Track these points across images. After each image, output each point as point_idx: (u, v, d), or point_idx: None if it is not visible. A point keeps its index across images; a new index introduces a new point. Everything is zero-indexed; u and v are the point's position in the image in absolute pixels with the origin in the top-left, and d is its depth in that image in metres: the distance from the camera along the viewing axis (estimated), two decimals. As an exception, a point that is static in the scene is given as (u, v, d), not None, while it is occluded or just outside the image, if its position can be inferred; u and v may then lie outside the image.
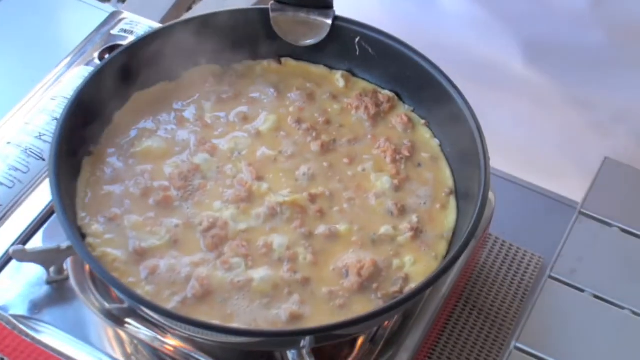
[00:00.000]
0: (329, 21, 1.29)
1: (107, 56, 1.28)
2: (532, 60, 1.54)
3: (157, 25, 1.47)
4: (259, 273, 1.13)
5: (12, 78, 1.58)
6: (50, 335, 1.18)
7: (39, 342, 1.18)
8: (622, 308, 1.21)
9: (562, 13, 1.46)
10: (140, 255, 1.14)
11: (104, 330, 1.20)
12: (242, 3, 2.85)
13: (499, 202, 1.33)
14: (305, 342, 1.07)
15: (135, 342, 1.19)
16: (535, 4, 1.48)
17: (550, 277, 1.24)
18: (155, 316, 1.11)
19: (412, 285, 1.14)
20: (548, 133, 1.66)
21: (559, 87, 1.56)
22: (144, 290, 1.11)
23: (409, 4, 1.61)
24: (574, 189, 1.45)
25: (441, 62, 1.25)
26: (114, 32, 1.46)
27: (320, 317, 1.11)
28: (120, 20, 1.48)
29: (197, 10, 2.83)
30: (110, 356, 1.17)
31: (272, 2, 1.29)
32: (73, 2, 1.72)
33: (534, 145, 1.68)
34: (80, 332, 1.18)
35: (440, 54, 1.32)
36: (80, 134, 1.22)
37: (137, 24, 1.47)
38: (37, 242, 1.24)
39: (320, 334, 1.06)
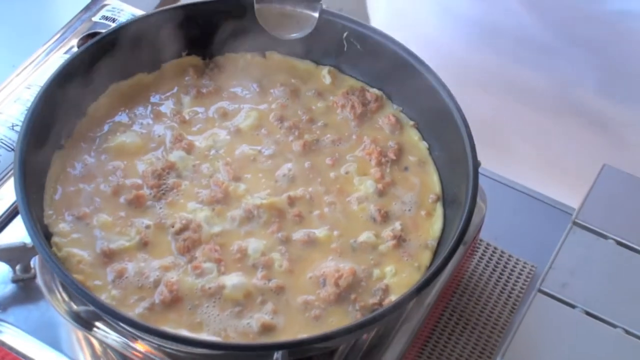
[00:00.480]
0: (316, 14, 1.23)
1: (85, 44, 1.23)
2: (604, 85, 1.49)
3: (140, 13, 1.41)
4: (232, 279, 1.08)
5: (-8, 62, 1.53)
6: (13, 336, 1.13)
7: (2, 343, 1.12)
8: (615, 326, 1.15)
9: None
10: (108, 257, 1.09)
11: (72, 334, 1.14)
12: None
13: (492, 205, 1.28)
14: (277, 355, 1.02)
15: (105, 347, 1.13)
16: (616, 31, 1.42)
17: (540, 290, 1.18)
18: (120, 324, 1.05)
19: (392, 297, 1.08)
20: (555, 138, 1.61)
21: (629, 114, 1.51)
22: (110, 294, 1.06)
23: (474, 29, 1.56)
24: (572, 195, 1.40)
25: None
26: (95, 18, 1.41)
27: (294, 328, 1.06)
28: (103, 6, 1.42)
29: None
30: (76, 361, 1.12)
31: (256, -8, 1.23)
32: (61, -17, 1.67)
33: (542, 151, 1.63)
34: (46, 335, 1.13)
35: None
36: (52, 127, 1.17)
37: (120, 11, 1.41)
38: (5, 238, 1.18)
39: (292, 348, 1.01)
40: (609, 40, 1.42)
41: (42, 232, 1.07)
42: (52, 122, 1.16)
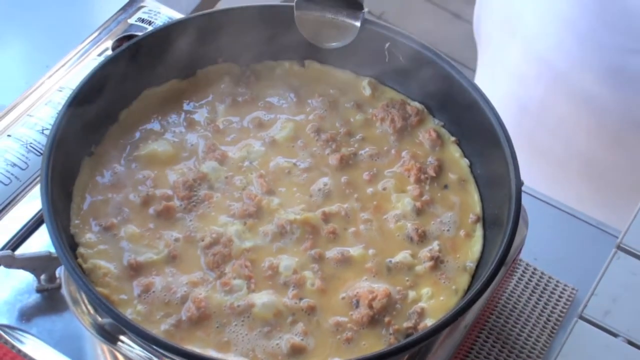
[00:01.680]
0: (358, 23, 1.19)
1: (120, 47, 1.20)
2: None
3: (177, 16, 1.37)
4: (262, 298, 1.04)
5: (24, 63, 1.51)
6: (36, 348, 1.10)
7: (25, 355, 1.10)
8: (658, 358, 1.11)
9: None
10: (135, 270, 1.06)
11: (96, 347, 1.11)
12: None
13: (533, 225, 1.23)
14: (306, 378, 0.98)
15: (128, 361, 1.10)
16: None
17: (582, 317, 1.14)
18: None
19: (428, 322, 1.04)
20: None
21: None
22: (135, 309, 1.03)
23: None
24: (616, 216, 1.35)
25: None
26: (131, 20, 1.37)
27: (325, 351, 1.02)
28: (140, 8, 1.39)
29: (228, 3, 2.74)
30: (99, 376, 1.09)
31: (297, 0, 1.19)
32: (97, -16, 1.64)
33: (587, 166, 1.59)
34: (69, 347, 1.10)
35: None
36: (82, 132, 1.13)
37: (156, 14, 1.38)
38: (31, 245, 1.15)
39: (322, 372, 0.97)
40: None
41: (68, 242, 1.05)
42: (82, 127, 1.13)
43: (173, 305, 1.04)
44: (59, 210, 1.06)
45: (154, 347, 0.97)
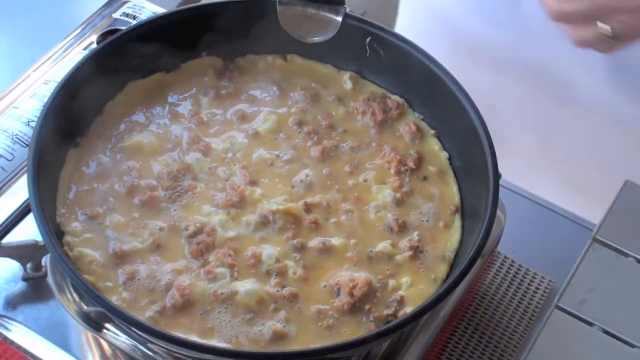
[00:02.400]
0: (339, 18, 1.21)
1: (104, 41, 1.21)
2: (614, 77, 1.46)
3: (161, 10, 1.39)
4: (244, 286, 1.06)
5: (9, 56, 1.52)
6: (22, 335, 1.11)
7: (11, 342, 1.11)
8: (633, 346, 1.13)
9: None
10: (120, 258, 1.08)
11: (81, 335, 1.12)
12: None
13: (511, 218, 1.26)
14: (288, 364, 1.00)
15: (114, 349, 1.12)
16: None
17: (558, 307, 1.16)
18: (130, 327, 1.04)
19: (407, 309, 1.06)
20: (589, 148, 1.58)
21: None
22: (121, 296, 1.05)
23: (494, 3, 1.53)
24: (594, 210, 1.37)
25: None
26: (115, 15, 1.39)
27: (306, 337, 1.04)
28: (124, 3, 1.40)
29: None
30: (84, 362, 1.11)
31: (280, -6, 1.21)
32: (81, -21, 1.65)
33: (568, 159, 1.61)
34: (55, 335, 1.11)
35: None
36: (68, 124, 1.15)
37: (141, 8, 1.39)
38: (17, 234, 1.17)
39: (304, 358, 0.99)
40: None
41: (54, 231, 1.06)
42: (68, 119, 1.14)
43: (157, 292, 1.05)
44: (45, 200, 1.07)
45: (140, 332, 0.99)
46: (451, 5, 1.57)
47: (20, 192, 1.19)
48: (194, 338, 1.02)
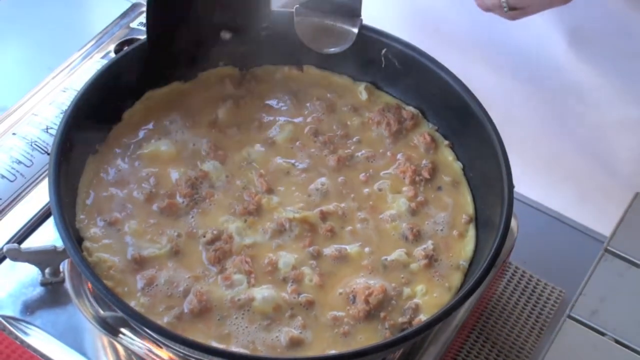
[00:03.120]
0: (355, 30, 1.23)
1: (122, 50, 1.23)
2: (576, 48, 1.47)
3: (178, 20, 1.40)
4: (261, 292, 1.08)
5: (28, 64, 1.54)
6: (39, 339, 1.12)
7: (28, 346, 1.12)
8: (644, 356, 1.15)
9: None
10: (139, 264, 1.09)
11: (97, 339, 1.14)
12: (284, 3, 2.79)
13: (522, 229, 1.27)
14: (304, 369, 1.02)
15: (129, 353, 1.13)
16: None
17: (570, 316, 1.17)
18: (148, 330, 1.05)
19: (422, 317, 1.08)
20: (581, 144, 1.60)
21: (601, 77, 1.49)
22: (139, 302, 1.06)
23: None
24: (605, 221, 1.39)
25: (477, 49, 1.13)
26: (133, 25, 1.41)
27: (322, 344, 1.05)
28: (141, 12, 1.42)
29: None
30: (100, 366, 1.12)
31: (297, 6, 1.22)
32: (99, -11, 1.67)
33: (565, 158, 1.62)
34: (72, 339, 1.13)
35: (476, 39, 1.22)
36: (87, 131, 1.16)
37: (157, 18, 1.41)
38: (35, 240, 1.18)
39: (320, 364, 1.00)
40: None
41: (74, 236, 1.07)
42: (87, 126, 1.16)
43: (175, 298, 1.07)
44: (65, 206, 1.08)
45: (159, 337, 1.00)
46: None
47: (39, 198, 1.21)
48: (212, 344, 1.03)
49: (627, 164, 1.55)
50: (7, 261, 1.15)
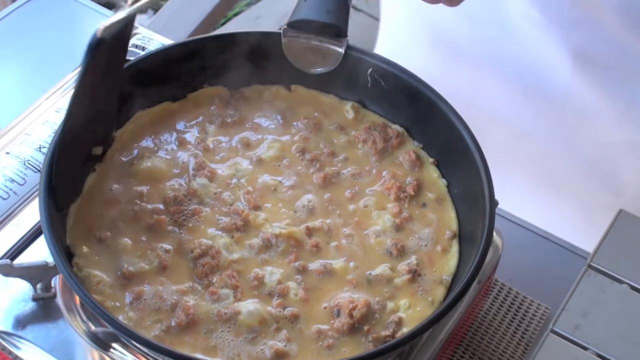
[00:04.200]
0: (342, 50, 1.25)
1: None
2: (580, 69, 1.50)
3: (168, 42, 1.43)
4: (247, 306, 1.10)
5: (22, 86, 1.56)
6: (31, 354, 1.14)
7: (20, 360, 1.14)
8: (625, 369, 1.16)
9: (613, 22, 1.42)
10: (127, 279, 1.11)
11: (88, 353, 1.16)
12: (275, 22, 2.84)
13: (508, 246, 1.29)
14: (290, 382, 1.04)
15: (119, 368, 1.15)
16: (587, 11, 1.43)
17: (553, 331, 1.19)
18: (137, 344, 1.07)
19: (405, 330, 1.10)
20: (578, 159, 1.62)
21: (605, 99, 1.52)
22: (127, 316, 1.08)
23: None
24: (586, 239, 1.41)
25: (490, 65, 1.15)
26: (125, 46, 1.43)
27: (307, 356, 1.07)
28: (133, 35, 1.45)
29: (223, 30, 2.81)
30: (91, 380, 1.14)
31: (284, 27, 1.25)
32: (93, 13, 1.69)
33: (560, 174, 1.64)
34: (63, 353, 1.14)
35: (488, 55, 1.23)
36: (78, 150, 1.18)
37: (149, 40, 1.44)
38: (28, 256, 1.20)
39: (303, 376, 1.02)
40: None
41: (64, 252, 1.09)
42: (78, 145, 1.18)
43: (163, 312, 1.09)
44: (56, 222, 1.11)
45: (147, 350, 1.02)
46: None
47: (31, 215, 1.23)
48: (199, 356, 1.05)
49: (631, 186, 1.58)
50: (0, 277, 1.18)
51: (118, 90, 1.18)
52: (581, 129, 1.57)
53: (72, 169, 1.16)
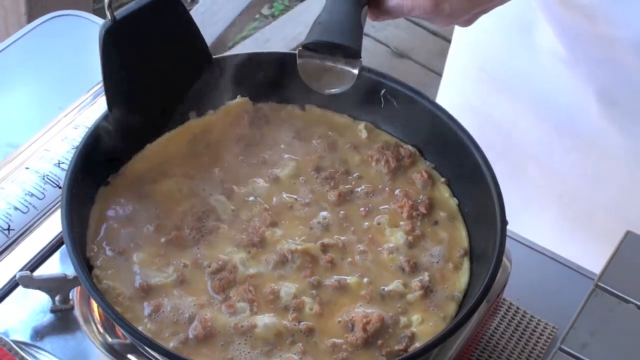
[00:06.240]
0: (356, 71, 1.27)
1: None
2: (605, 109, 1.52)
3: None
4: (263, 319, 1.12)
5: (39, 104, 1.58)
6: (49, 364, 1.16)
7: (39, 371, 1.16)
8: (632, 387, 1.18)
9: (633, 63, 1.44)
10: (146, 292, 1.13)
11: (105, 364, 1.18)
12: (284, 45, 2.88)
13: (516, 267, 1.31)
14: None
15: (135, 379, 1.17)
16: (608, 51, 1.46)
17: (561, 349, 1.21)
18: (155, 355, 1.09)
19: (418, 345, 1.12)
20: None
21: (631, 140, 1.54)
22: (146, 327, 1.10)
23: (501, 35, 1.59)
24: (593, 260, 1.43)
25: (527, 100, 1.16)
26: (143, 65, 1.45)
27: (322, 369, 1.09)
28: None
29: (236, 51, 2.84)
30: (108, 391, 1.16)
31: (300, 48, 1.28)
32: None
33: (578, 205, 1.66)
34: (80, 364, 1.17)
35: (527, 90, 1.26)
36: (99, 166, 1.21)
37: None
38: (46, 269, 1.23)
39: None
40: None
41: (84, 264, 1.11)
42: (99, 160, 1.21)
43: (181, 324, 1.11)
44: (76, 235, 1.13)
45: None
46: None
47: (50, 229, 1.26)
48: (216, 367, 1.08)
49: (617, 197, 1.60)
50: (18, 290, 1.20)
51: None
52: (607, 168, 1.59)
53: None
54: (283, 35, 2.73)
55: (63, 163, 1.31)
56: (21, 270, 1.21)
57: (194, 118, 1.31)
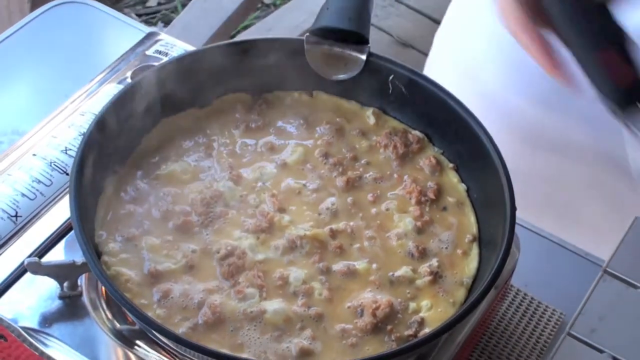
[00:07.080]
0: (364, 57, 1.28)
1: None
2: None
3: (191, 48, 1.46)
4: (273, 305, 1.12)
5: (47, 90, 1.58)
6: (58, 350, 1.16)
7: (47, 356, 1.16)
8: (641, 372, 1.18)
9: None
10: (155, 277, 1.13)
11: (113, 350, 1.18)
12: (287, 34, 2.87)
13: (524, 253, 1.31)
14: (315, 379, 1.06)
15: (144, 365, 1.17)
16: None
17: (569, 334, 1.21)
18: (165, 340, 1.09)
19: (427, 330, 1.12)
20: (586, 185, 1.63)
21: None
22: (155, 313, 1.10)
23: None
24: (602, 246, 1.43)
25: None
26: (148, 52, 1.45)
27: (331, 354, 1.10)
28: (157, 41, 1.47)
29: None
30: (116, 377, 1.16)
31: (307, 34, 1.28)
32: (113, 20, 1.72)
33: (569, 196, 1.66)
34: (88, 350, 1.16)
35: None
36: (106, 152, 1.21)
37: (172, 46, 1.46)
38: (53, 256, 1.22)
39: (328, 373, 1.04)
40: None
41: (94, 250, 1.11)
42: (106, 147, 1.20)
43: (190, 310, 1.11)
44: (84, 221, 1.13)
45: (177, 346, 1.05)
46: (502, 89, 1.62)
47: (57, 216, 1.25)
48: (227, 352, 1.07)
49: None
50: (27, 277, 1.19)
51: None
52: (630, 205, 1.58)
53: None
54: (286, 24, 2.72)
55: (70, 150, 1.31)
56: (29, 256, 1.20)
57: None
